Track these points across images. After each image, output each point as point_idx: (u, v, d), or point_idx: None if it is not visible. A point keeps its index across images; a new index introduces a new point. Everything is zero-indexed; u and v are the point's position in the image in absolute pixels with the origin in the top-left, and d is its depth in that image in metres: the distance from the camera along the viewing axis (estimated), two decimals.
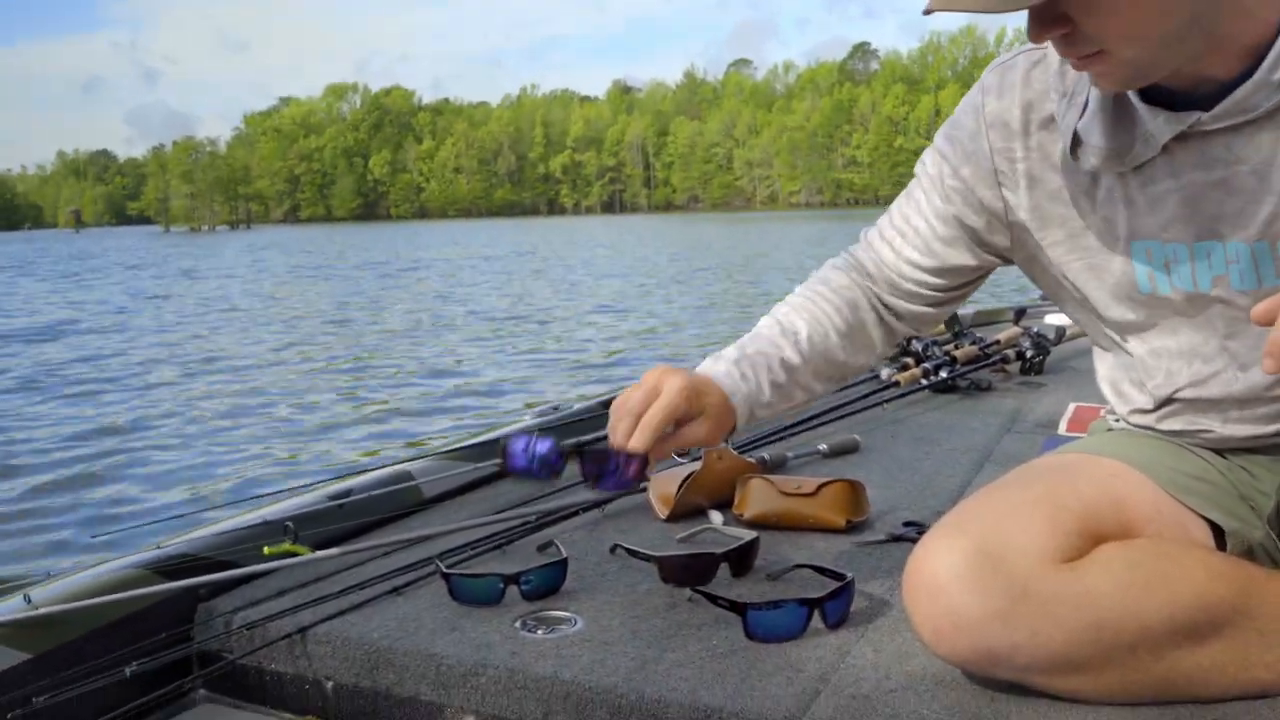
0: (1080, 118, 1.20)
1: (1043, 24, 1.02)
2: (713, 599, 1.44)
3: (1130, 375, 1.36)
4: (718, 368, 1.40)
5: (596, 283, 17.25)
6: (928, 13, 1.02)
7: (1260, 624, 1.15)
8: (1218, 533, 1.25)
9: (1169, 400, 1.31)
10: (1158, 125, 1.14)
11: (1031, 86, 1.27)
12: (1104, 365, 1.43)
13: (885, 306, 1.48)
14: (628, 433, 1.29)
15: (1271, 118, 1.10)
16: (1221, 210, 1.16)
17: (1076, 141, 1.21)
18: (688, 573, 1.57)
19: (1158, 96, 1.15)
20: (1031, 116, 1.27)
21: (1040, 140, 1.27)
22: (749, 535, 1.67)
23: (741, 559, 1.63)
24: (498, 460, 1.50)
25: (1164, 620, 1.12)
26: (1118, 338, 1.35)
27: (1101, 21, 1.02)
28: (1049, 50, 1.24)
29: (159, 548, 1.67)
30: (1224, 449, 1.31)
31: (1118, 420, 1.43)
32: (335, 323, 12.50)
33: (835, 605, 1.42)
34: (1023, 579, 1.12)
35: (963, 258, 1.40)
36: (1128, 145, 1.17)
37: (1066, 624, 1.12)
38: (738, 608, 1.40)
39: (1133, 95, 1.16)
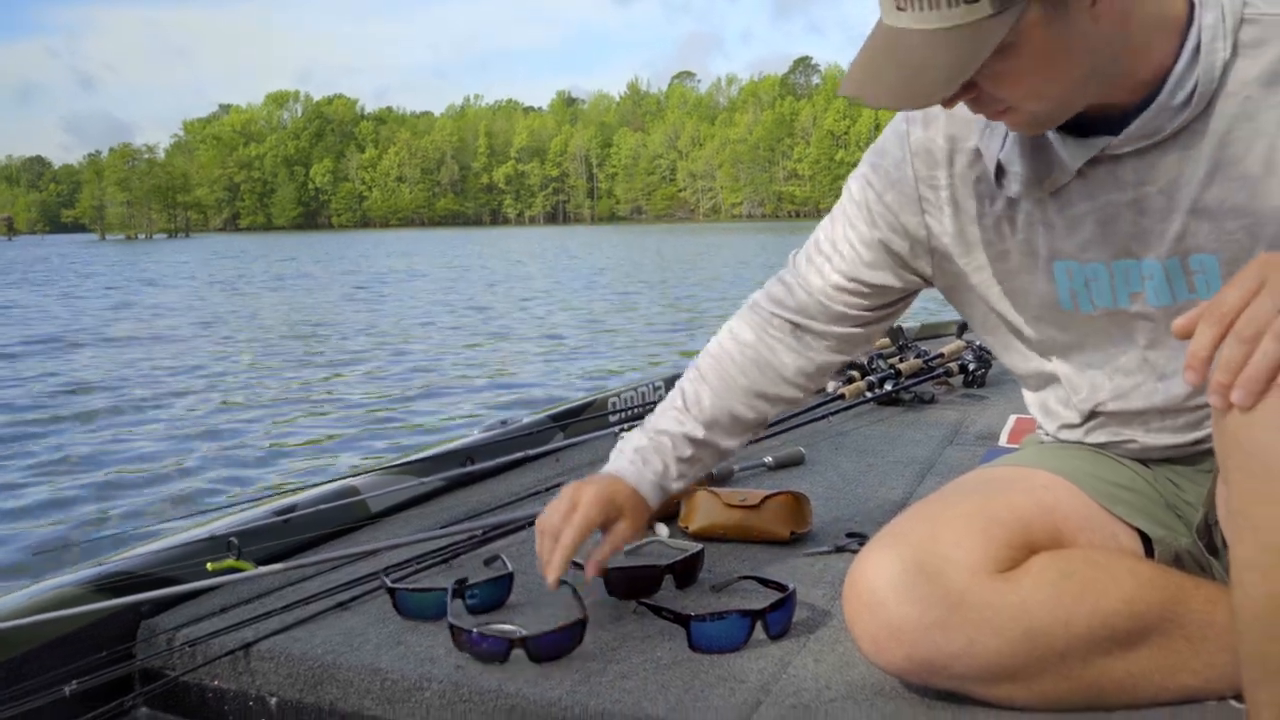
0: (1001, 147, 1.25)
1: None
2: (657, 611, 1.46)
3: (1056, 393, 1.41)
4: (620, 462, 1.53)
5: (545, 310, 17.12)
6: (843, 94, 1.10)
7: (1188, 630, 1.19)
8: (1147, 541, 1.29)
9: (1094, 413, 1.36)
10: (1070, 152, 1.19)
11: (955, 117, 1.31)
12: (1031, 389, 1.48)
13: (813, 334, 1.51)
14: (548, 560, 1.45)
15: (1175, 139, 1.16)
16: (1135, 230, 1.21)
17: (1000, 170, 1.26)
18: (633, 585, 1.59)
19: (1070, 125, 1.19)
20: (955, 146, 1.32)
21: (964, 168, 1.32)
22: (694, 547, 1.70)
23: (686, 571, 1.65)
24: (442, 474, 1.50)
25: (1095, 628, 1.16)
26: (1041, 358, 1.39)
27: (1007, 88, 1.09)
28: None
29: (100, 565, 1.65)
30: (1149, 459, 1.36)
31: (1049, 435, 1.48)
32: (278, 337, 12.33)
33: (777, 616, 1.44)
34: (958, 590, 1.16)
35: (887, 279, 1.44)
36: (1046, 171, 1.22)
37: (1001, 633, 1.15)
38: (681, 619, 1.41)
39: None
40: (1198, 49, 1.12)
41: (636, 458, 1.52)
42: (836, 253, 1.46)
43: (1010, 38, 1.02)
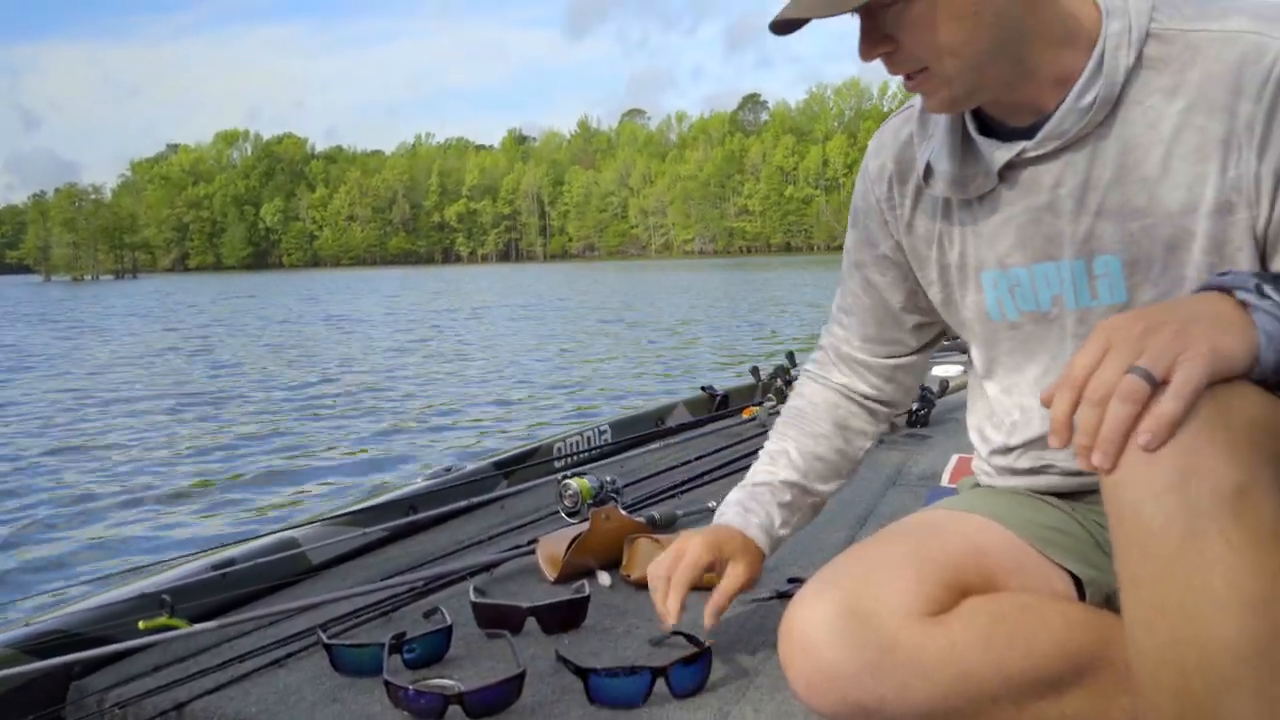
0: (931, 151, 1.31)
1: (870, 43, 1.15)
2: (565, 662, 1.48)
3: (991, 418, 1.44)
4: (727, 514, 1.55)
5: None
6: (774, 29, 1.14)
7: (1118, 669, 1.20)
8: (1078, 583, 1.30)
9: (1022, 437, 1.38)
10: (991, 154, 1.25)
11: (899, 139, 1.40)
12: (974, 414, 1.51)
13: (864, 396, 1.60)
14: (663, 604, 1.46)
15: (1084, 142, 1.21)
16: (1050, 232, 1.26)
17: (929, 172, 1.32)
18: (496, 618, 1.66)
19: (993, 131, 1.26)
20: (903, 168, 1.39)
21: (912, 187, 1.39)
22: (569, 595, 1.73)
23: (552, 616, 1.68)
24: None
25: (1026, 671, 1.17)
26: (977, 378, 1.45)
27: (918, 38, 1.14)
28: (916, 105, 1.37)
29: (29, 625, 1.62)
30: (1074, 491, 1.38)
31: (984, 472, 1.50)
32: (215, 389, 12.07)
33: (683, 673, 1.44)
34: (891, 633, 1.16)
35: (903, 327, 1.53)
36: (972, 174, 1.28)
37: (933, 677, 1.15)
38: (581, 673, 1.42)
39: (971, 128, 1.27)
40: (1103, 57, 1.17)
41: (739, 508, 1.55)
42: (850, 303, 1.55)
43: None
